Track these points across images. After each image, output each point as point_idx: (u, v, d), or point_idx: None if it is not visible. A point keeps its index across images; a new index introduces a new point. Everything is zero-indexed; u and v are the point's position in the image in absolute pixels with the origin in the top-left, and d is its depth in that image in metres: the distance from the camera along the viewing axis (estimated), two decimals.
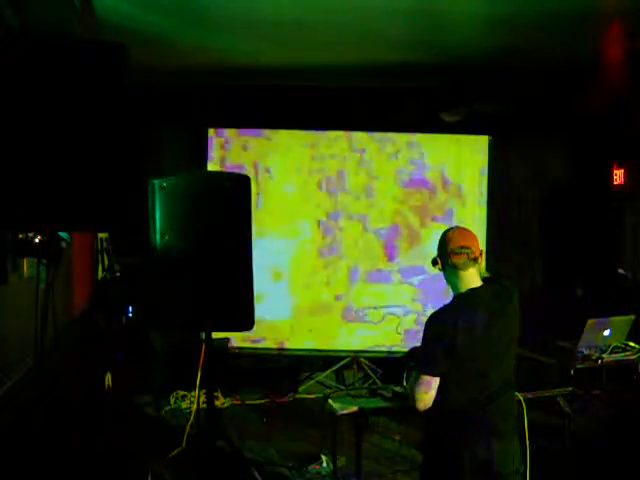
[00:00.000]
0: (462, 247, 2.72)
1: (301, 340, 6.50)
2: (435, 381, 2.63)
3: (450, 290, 2.81)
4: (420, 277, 6.44)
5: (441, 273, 2.84)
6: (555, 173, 7.29)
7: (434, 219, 6.54)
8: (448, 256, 2.74)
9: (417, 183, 6.59)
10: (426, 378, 2.64)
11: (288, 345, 6.52)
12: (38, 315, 2.78)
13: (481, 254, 2.77)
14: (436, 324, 2.67)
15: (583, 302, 6.81)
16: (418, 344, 2.77)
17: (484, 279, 2.81)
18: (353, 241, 6.55)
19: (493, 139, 6.61)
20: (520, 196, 7.28)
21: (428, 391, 2.64)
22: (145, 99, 5.48)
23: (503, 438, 2.68)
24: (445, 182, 6.59)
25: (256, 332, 5.68)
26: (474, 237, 2.79)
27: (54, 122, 2.54)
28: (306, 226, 6.54)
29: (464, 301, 2.71)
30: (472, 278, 2.73)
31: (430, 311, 2.80)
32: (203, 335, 4.05)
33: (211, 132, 6.47)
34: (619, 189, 7.12)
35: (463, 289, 2.73)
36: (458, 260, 2.72)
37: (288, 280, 6.52)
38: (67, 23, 3.70)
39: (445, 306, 2.73)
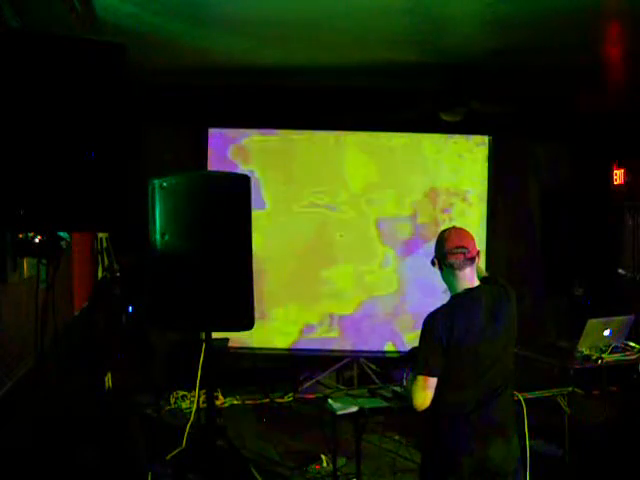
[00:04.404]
0: (458, 247, 2.72)
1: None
2: (432, 381, 2.64)
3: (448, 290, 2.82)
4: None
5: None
6: (555, 173, 7.29)
7: (434, 219, 6.54)
8: (444, 256, 2.74)
9: (416, 183, 6.59)
10: (423, 378, 2.64)
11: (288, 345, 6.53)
12: (38, 315, 2.78)
13: (478, 254, 2.77)
14: (432, 324, 2.67)
15: (583, 302, 6.82)
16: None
17: (482, 279, 2.82)
18: (354, 242, 6.56)
19: (493, 139, 6.62)
20: (520, 196, 7.28)
21: (426, 391, 2.64)
22: (145, 99, 5.48)
23: (502, 438, 2.68)
24: (445, 182, 6.59)
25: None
26: (471, 237, 2.79)
27: (54, 122, 2.54)
28: (306, 226, 6.54)
29: (461, 301, 2.71)
30: (469, 278, 2.73)
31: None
32: (203, 335, 4.05)
33: (211, 132, 6.48)
34: (619, 189, 7.14)
35: (460, 289, 2.73)
36: (454, 260, 2.72)
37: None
38: (67, 23, 3.70)
39: (442, 306, 2.74)
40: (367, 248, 6.55)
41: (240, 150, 6.49)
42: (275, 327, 6.44)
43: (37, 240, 2.82)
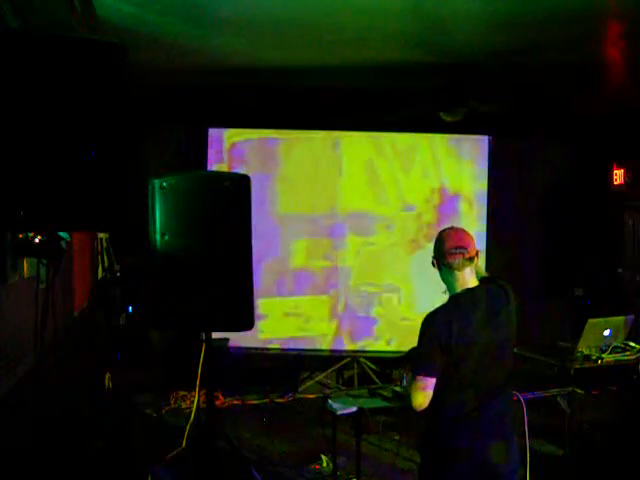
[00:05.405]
0: (457, 247, 2.71)
1: None
2: (431, 381, 2.63)
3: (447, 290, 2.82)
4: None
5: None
6: (555, 173, 7.29)
7: (433, 219, 6.54)
8: (444, 256, 2.74)
9: (416, 183, 6.59)
10: (422, 379, 2.64)
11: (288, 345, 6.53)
12: (38, 315, 2.78)
13: (477, 254, 2.76)
14: (431, 325, 2.67)
15: (583, 302, 6.82)
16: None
17: (481, 279, 2.81)
18: (354, 242, 6.56)
19: (493, 139, 6.62)
20: (520, 196, 7.28)
21: (424, 391, 2.64)
22: (145, 99, 5.48)
23: (501, 438, 2.68)
24: (444, 182, 6.59)
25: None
26: (470, 237, 2.78)
27: (54, 122, 2.54)
28: (306, 227, 6.53)
29: (460, 301, 2.71)
30: (468, 278, 2.73)
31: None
32: (203, 335, 4.05)
33: (211, 132, 6.48)
34: (619, 189, 7.14)
35: (459, 289, 2.73)
36: (453, 260, 2.71)
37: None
38: (67, 23, 3.70)
39: (441, 306, 2.73)
40: (367, 248, 6.55)
41: (240, 150, 6.49)
42: (275, 326, 6.45)
43: (37, 240, 2.82)
